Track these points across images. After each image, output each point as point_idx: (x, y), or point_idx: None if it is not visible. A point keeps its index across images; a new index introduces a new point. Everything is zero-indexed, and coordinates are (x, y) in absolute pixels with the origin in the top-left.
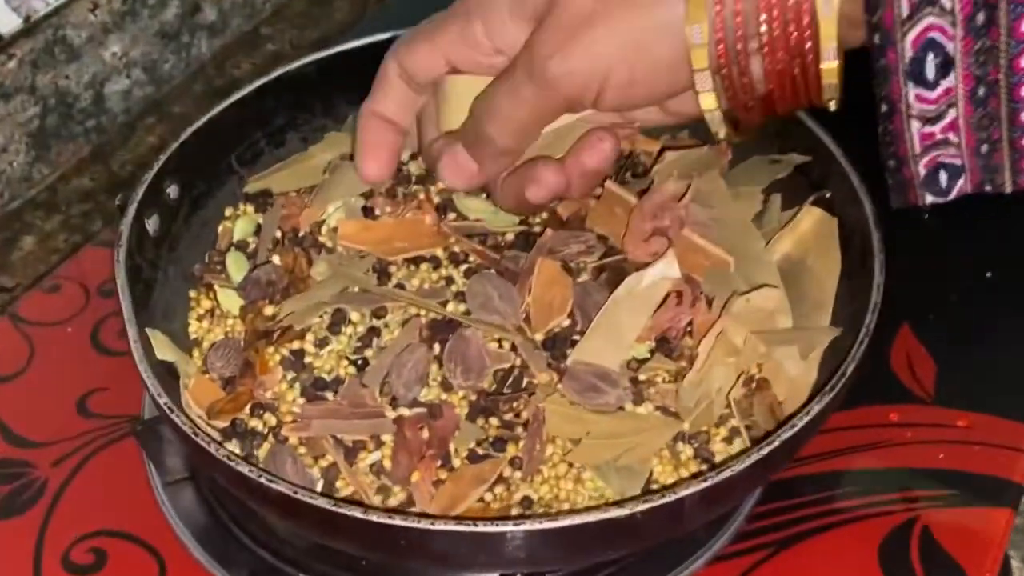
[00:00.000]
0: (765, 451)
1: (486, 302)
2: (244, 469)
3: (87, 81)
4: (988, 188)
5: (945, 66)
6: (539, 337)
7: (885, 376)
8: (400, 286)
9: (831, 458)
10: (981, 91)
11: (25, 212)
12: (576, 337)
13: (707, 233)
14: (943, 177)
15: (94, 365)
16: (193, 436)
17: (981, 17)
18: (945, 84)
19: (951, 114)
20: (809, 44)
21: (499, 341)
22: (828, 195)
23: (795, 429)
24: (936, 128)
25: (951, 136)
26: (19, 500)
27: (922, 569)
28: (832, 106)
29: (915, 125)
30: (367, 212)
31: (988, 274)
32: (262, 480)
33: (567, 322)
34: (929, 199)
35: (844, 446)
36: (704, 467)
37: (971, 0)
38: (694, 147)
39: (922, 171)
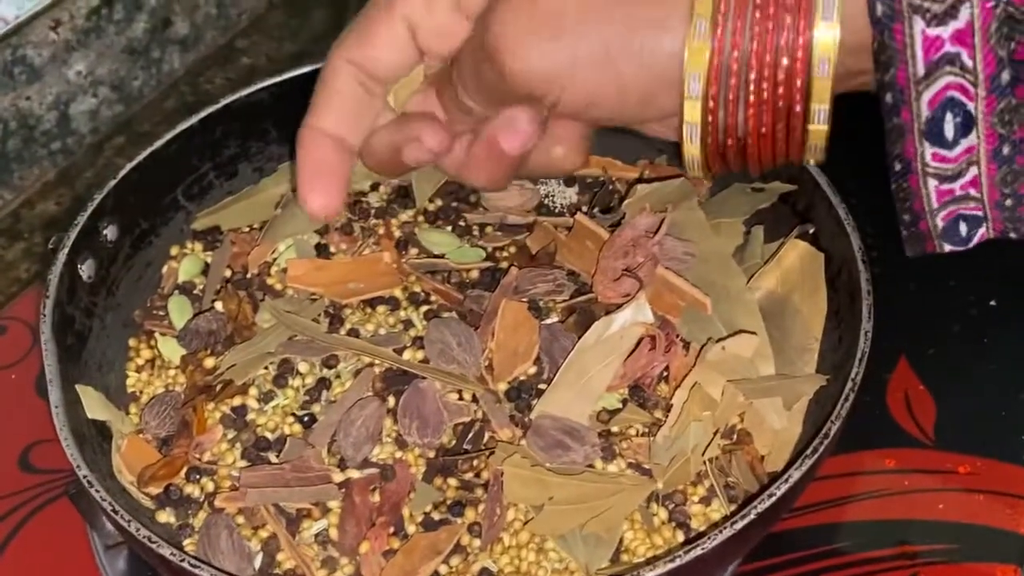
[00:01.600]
0: (739, 525)
1: (444, 350)
2: (165, 551)
3: (50, 102)
4: (1013, 236)
5: (966, 125)
6: (502, 387)
7: (881, 417)
8: (354, 332)
9: (822, 509)
10: (1006, 150)
11: None
12: (543, 385)
13: (683, 269)
14: (963, 228)
15: (38, 414)
16: (112, 513)
17: (1006, 76)
18: (965, 143)
19: (972, 172)
20: (798, 107)
21: (459, 392)
22: (812, 230)
23: (773, 499)
24: (955, 185)
25: (972, 191)
26: None
27: None
28: (812, 163)
29: (932, 183)
30: (321, 250)
31: (992, 302)
32: (184, 564)
33: (533, 369)
34: (948, 248)
35: (836, 496)
36: (679, 533)
37: (995, 59)
38: (671, 177)
39: (940, 224)
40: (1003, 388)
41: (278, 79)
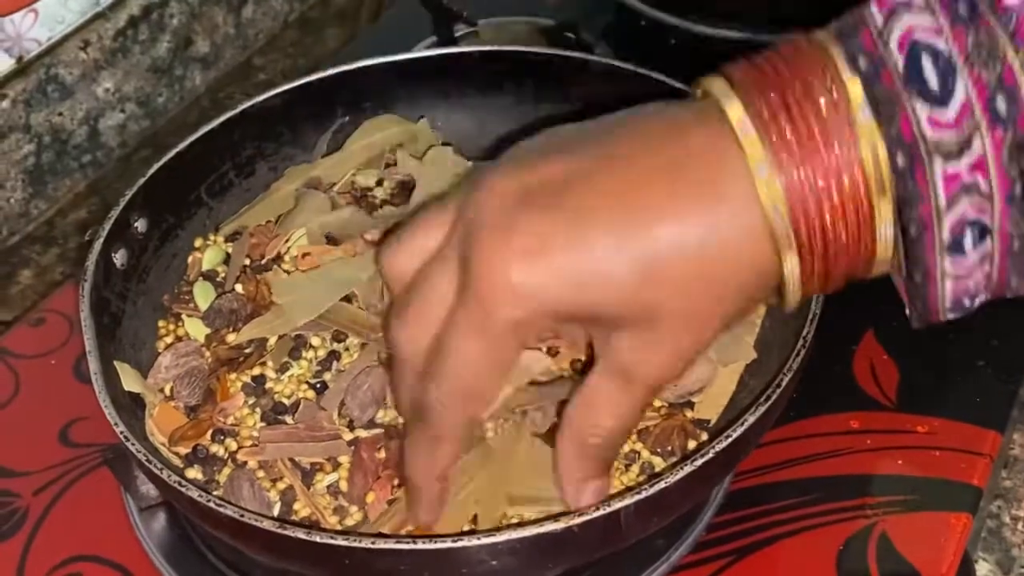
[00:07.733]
0: (699, 462)
1: None
2: (193, 493)
3: (81, 117)
4: (1008, 295)
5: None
6: None
7: (847, 384)
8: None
9: (790, 466)
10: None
11: (23, 247)
12: None
13: None
14: (966, 302)
15: (76, 395)
16: (146, 463)
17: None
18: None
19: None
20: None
21: None
22: None
23: (729, 440)
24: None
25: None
26: (1, 528)
27: (879, 575)
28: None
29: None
30: (330, 238)
31: None
32: (211, 504)
33: None
34: (950, 316)
35: (803, 454)
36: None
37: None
38: None
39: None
40: (961, 356)
41: (289, 86)
